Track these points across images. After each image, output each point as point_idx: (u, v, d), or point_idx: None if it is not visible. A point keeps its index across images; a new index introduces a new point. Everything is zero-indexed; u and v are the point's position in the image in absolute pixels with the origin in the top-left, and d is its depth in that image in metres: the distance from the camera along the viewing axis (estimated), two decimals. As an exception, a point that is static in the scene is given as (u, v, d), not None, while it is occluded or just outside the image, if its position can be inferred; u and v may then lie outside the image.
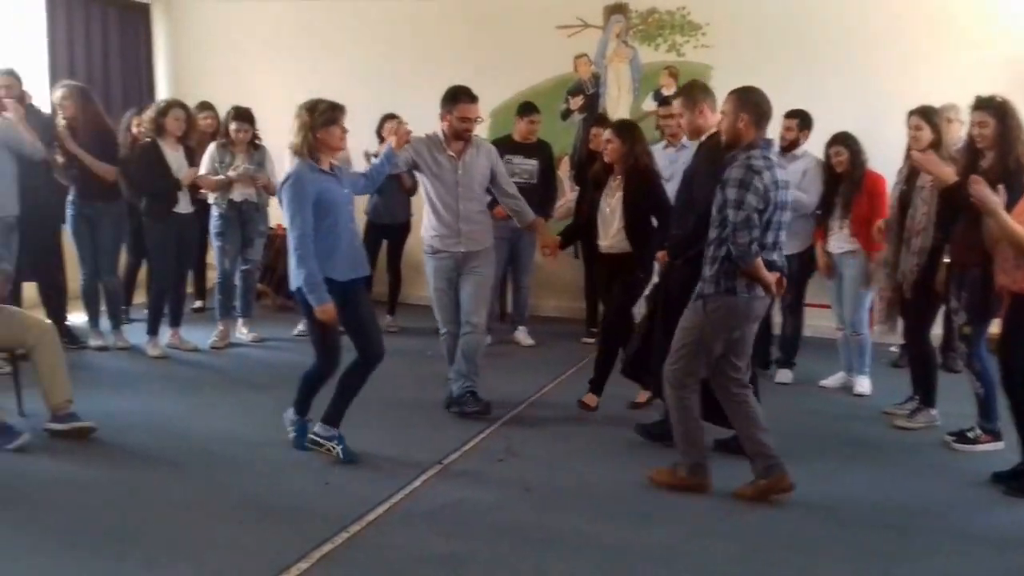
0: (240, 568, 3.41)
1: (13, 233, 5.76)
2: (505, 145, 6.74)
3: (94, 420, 4.72)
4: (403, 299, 7.51)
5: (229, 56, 8.71)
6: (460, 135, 5.01)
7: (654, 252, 5.10)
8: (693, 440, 4.18)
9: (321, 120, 4.16)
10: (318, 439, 4.41)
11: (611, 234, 5.23)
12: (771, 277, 4.00)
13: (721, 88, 4.30)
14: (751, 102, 3.98)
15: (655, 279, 5.24)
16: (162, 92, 8.76)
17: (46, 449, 4.52)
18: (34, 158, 5.76)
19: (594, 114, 7.70)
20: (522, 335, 7.00)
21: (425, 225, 5.20)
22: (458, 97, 4.97)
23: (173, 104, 6.40)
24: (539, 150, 6.89)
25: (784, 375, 6.09)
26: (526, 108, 6.87)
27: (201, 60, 8.90)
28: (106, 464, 4.39)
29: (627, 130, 5.23)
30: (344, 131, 4.29)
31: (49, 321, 5.01)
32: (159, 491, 4.08)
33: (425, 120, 5.24)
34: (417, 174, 5.25)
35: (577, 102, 7.88)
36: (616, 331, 5.31)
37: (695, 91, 4.66)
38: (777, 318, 6.17)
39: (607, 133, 5.25)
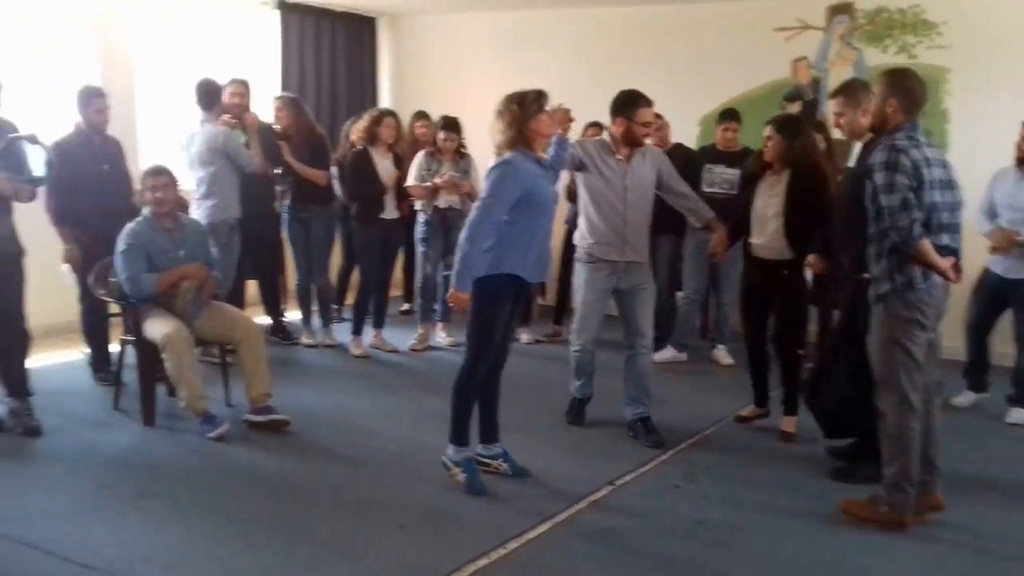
0: (396, 574, 3.44)
1: (234, 234, 6.16)
2: (708, 154, 6.49)
3: (291, 414, 4.96)
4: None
5: (446, 67, 8.94)
6: (637, 141, 4.85)
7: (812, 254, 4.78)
8: (907, 475, 3.82)
9: (533, 110, 4.06)
10: (483, 459, 4.35)
11: (766, 233, 4.89)
12: (944, 262, 3.64)
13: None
14: (903, 87, 3.72)
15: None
16: (384, 102, 9.11)
17: (243, 439, 4.79)
18: (246, 169, 6.12)
19: (813, 121, 7.25)
20: (721, 354, 6.71)
21: (582, 232, 5.00)
22: (637, 101, 4.80)
23: (386, 113, 6.64)
24: (743, 159, 6.56)
25: (1018, 415, 5.46)
26: (723, 115, 6.55)
27: (420, 71, 9.19)
28: (292, 458, 4.58)
29: (789, 125, 4.89)
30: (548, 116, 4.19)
31: (255, 319, 5.30)
32: (335, 489, 4.21)
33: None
34: (578, 177, 5.05)
35: (795, 108, 7.45)
36: (790, 349, 5.00)
37: (857, 89, 4.29)
38: (1006, 348, 5.55)
39: (767, 129, 4.90)
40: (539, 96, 4.09)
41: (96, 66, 6.94)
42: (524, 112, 4.04)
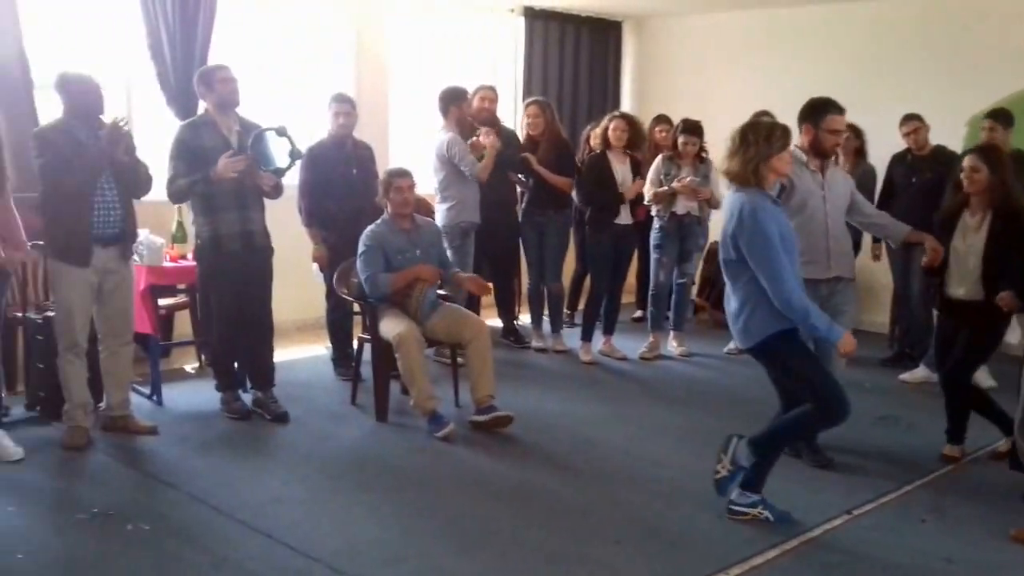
0: (604, 591, 3.33)
1: (467, 238, 6.28)
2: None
3: (515, 417, 4.95)
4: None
5: (690, 70, 8.73)
6: (826, 150, 4.48)
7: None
8: None
9: (778, 146, 3.81)
10: (738, 508, 3.92)
11: (968, 281, 4.45)
12: None
13: None
14: None
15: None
16: (626, 106, 9.00)
17: (467, 440, 4.83)
18: (469, 176, 6.18)
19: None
20: (982, 376, 6.05)
21: None
22: (827, 107, 4.44)
23: (614, 116, 6.53)
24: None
25: None
26: (989, 115, 5.84)
27: (663, 74, 9.03)
28: (513, 462, 4.57)
29: (996, 157, 4.37)
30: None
31: (486, 322, 5.34)
32: (552, 495, 4.15)
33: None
34: None
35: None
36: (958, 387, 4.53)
37: None
38: None
39: (969, 159, 4.42)
40: (785, 133, 3.85)
41: (350, 72, 7.32)
42: (769, 147, 3.78)
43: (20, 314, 5.10)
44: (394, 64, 7.68)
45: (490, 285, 6.06)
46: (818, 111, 4.49)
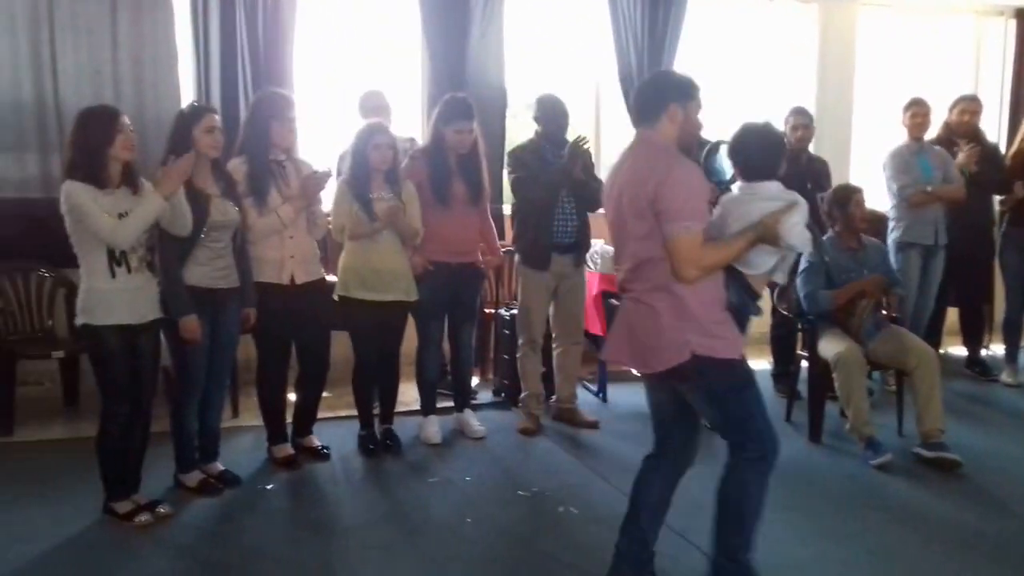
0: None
1: (918, 259, 5.85)
2: None
3: (965, 455, 4.58)
4: None
5: None
6: None
7: None
8: None
9: None
10: None
11: None
12: None
13: None
14: None
15: None
16: None
17: (905, 472, 4.54)
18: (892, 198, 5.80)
19: None
20: None
21: None
22: None
23: None
24: None
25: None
26: None
27: None
28: (956, 502, 4.20)
29: None
30: None
31: (931, 349, 4.97)
32: (1000, 547, 3.75)
33: None
34: None
35: None
36: None
37: None
38: None
39: None
40: None
41: (812, 87, 7.21)
42: None
43: (493, 311, 5.83)
44: (859, 74, 7.41)
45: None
46: None
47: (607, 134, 6.73)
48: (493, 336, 5.89)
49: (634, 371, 3.33)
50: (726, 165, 5.12)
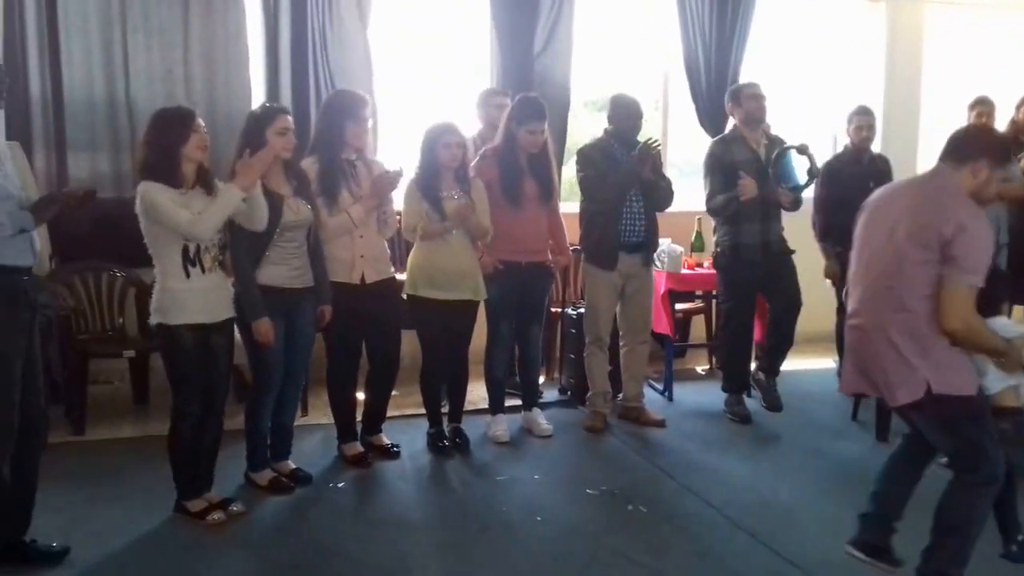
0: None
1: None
2: None
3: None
4: None
5: None
6: None
7: None
8: None
9: None
10: None
11: None
12: None
13: None
14: None
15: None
16: None
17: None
18: None
19: None
20: None
21: None
22: None
23: None
24: None
25: None
26: None
27: None
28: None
29: None
30: None
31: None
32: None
33: None
34: None
35: None
36: None
37: None
38: None
39: None
40: None
41: (880, 85, 7.09)
42: None
43: (560, 309, 5.83)
44: (927, 72, 7.27)
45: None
46: None
47: (674, 133, 6.68)
48: (559, 335, 5.88)
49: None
50: (795, 168, 5.11)
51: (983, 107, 5.79)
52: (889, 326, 3.03)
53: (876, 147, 5.92)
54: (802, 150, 5.06)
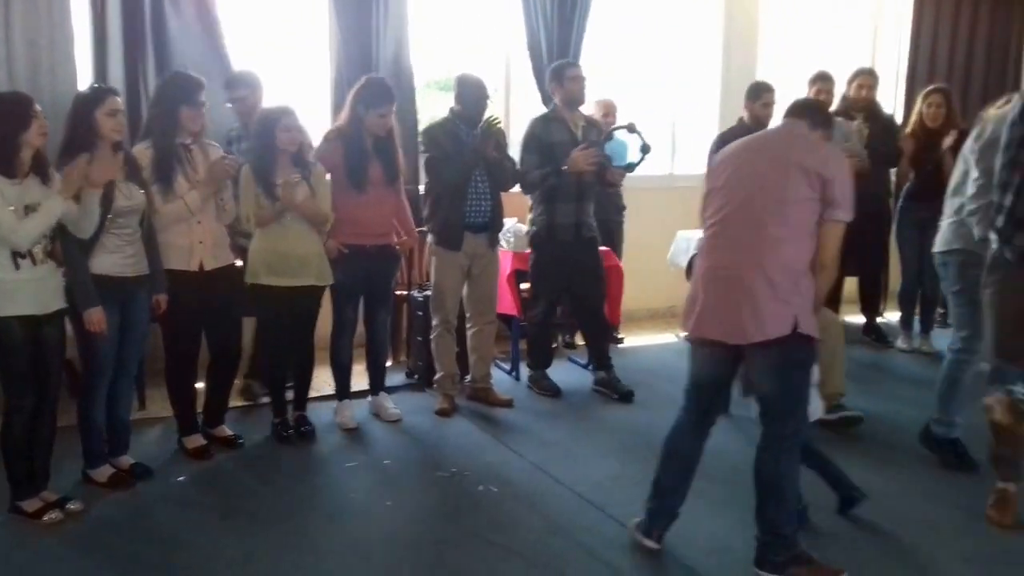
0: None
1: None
2: None
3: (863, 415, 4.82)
4: None
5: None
6: None
7: None
8: None
9: None
10: None
11: None
12: None
13: None
14: None
15: None
16: (1028, 86, 8.09)
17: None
18: None
19: None
20: None
21: None
22: None
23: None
24: None
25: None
26: None
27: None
28: (858, 464, 4.34)
29: None
30: None
31: (836, 315, 5.15)
32: (889, 500, 3.94)
33: None
34: None
35: None
36: None
37: None
38: None
39: None
40: None
41: (718, 62, 7.33)
42: None
43: (406, 292, 5.80)
44: (762, 48, 7.58)
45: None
46: None
47: (516, 112, 6.72)
48: (406, 318, 5.86)
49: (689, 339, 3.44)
50: (630, 147, 5.26)
51: (823, 83, 6.09)
52: (767, 265, 3.14)
53: (712, 126, 6.12)
54: (631, 128, 5.22)
